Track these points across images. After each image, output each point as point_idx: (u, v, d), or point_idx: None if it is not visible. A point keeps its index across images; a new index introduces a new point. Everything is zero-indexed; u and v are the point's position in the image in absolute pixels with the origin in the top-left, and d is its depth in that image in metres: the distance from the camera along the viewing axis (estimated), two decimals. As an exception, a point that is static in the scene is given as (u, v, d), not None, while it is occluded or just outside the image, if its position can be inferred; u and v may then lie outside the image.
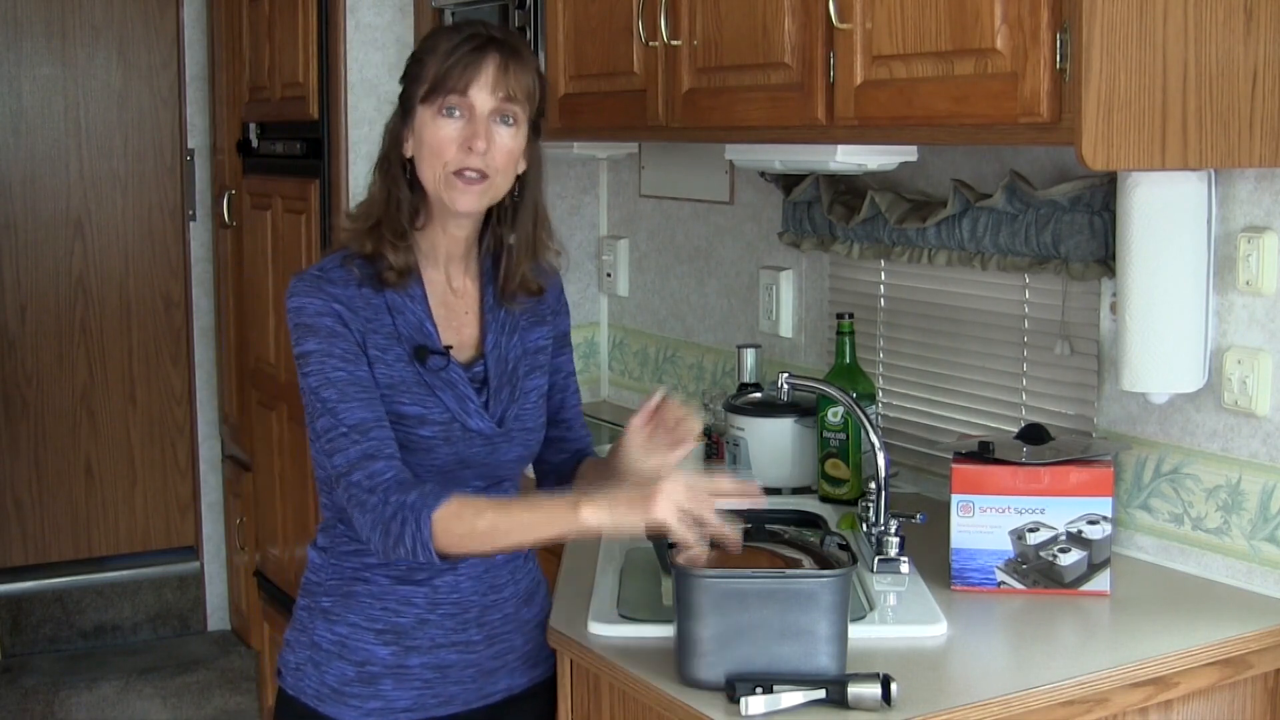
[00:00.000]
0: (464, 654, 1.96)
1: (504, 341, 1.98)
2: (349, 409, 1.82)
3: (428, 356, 1.89)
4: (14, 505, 4.61)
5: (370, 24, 3.52)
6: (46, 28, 4.54)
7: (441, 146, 1.86)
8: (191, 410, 4.76)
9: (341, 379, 1.83)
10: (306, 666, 1.97)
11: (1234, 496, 2.15)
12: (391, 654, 1.93)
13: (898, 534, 2.16)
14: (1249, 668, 1.97)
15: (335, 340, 1.84)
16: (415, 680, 1.94)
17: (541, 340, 2.04)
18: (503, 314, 1.99)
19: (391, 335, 1.89)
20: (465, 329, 1.97)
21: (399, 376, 1.87)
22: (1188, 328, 2.12)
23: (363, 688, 1.93)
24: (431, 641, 1.94)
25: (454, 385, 1.90)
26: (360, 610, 1.93)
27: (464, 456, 1.91)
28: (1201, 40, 1.86)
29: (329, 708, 1.94)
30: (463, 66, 1.84)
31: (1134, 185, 2.10)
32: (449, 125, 1.86)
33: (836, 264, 2.89)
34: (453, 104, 1.86)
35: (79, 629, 4.63)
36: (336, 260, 1.91)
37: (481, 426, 1.91)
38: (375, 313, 1.88)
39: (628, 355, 3.59)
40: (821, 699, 1.69)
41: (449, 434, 1.89)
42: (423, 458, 1.88)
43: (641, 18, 2.59)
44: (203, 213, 4.68)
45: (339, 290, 1.87)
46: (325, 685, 1.95)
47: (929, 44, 2.00)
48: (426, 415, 1.88)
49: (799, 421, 2.68)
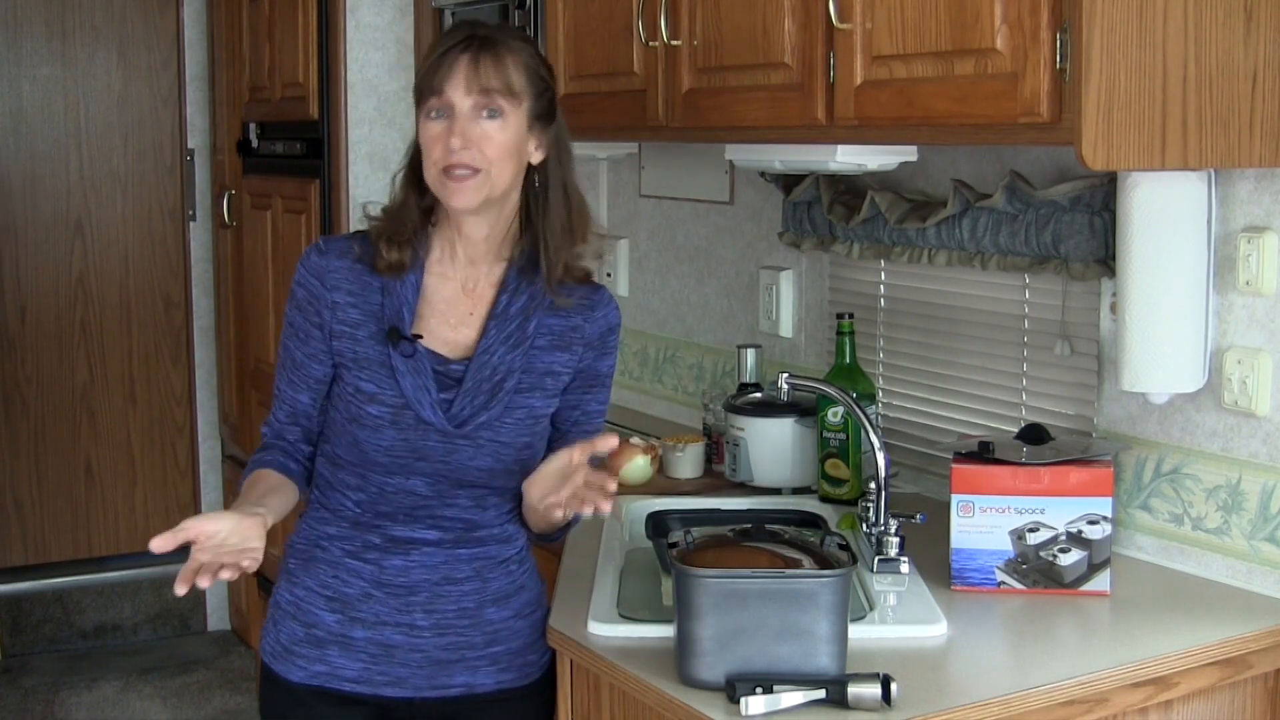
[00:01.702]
0: (409, 637, 1.98)
1: (500, 350, 1.96)
2: (281, 375, 2.04)
3: (398, 340, 1.93)
4: (14, 505, 4.61)
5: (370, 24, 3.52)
6: (46, 28, 4.54)
7: (429, 147, 1.91)
8: (191, 410, 4.76)
9: (286, 352, 2.03)
10: (269, 624, 2.06)
11: (1234, 496, 2.15)
12: (337, 622, 1.98)
13: (898, 534, 2.16)
14: (1249, 668, 1.97)
15: (298, 312, 1.99)
16: (361, 654, 1.98)
17: (558, 366, 1.99)
18: (512, 326, 1.97)
19: (373, 313, 1.95)
20: (463, 329, 1.97)
21: (364, 354, 1.94)
22: (1188, 328, 2.12)
23: (310, 649, 1.99)
24: (375, 617, 1.98)
25: (418, 374, 1.93)
26: (315, 575, 2.01)
27: (416, 447, 1.93)
28: (1201, 40, 1.86)
29: (279, 665, 2.01)
30: (437, 68, 1.90)
31: (1134, 185, 2.10)
32: (434, 126, 1.91)
33: (836, 264, 2.89)
34: (433, 105, 1.90)
35: (79, 629, 4.63)
36: (346, 235, 2.04)
37: (433, 419, 1.92)
38: (363, 289, 1.96)
39: (628, 355, 3.59)
40: (821, 699, 1.69)
41: (398, 418, 1.92)
42: (369, 435, 1.93)
43: (641, 18, 2.59)
44: (203, 213, 4.68)
45: (325, 262, 1.97)
46: (279, 643, 2.02)
47: (929, 44, 2.00)
48: (378, 394, 1.93)
49: (799, 421, 2.68)
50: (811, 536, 1.88)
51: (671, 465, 2.84)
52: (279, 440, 2.04)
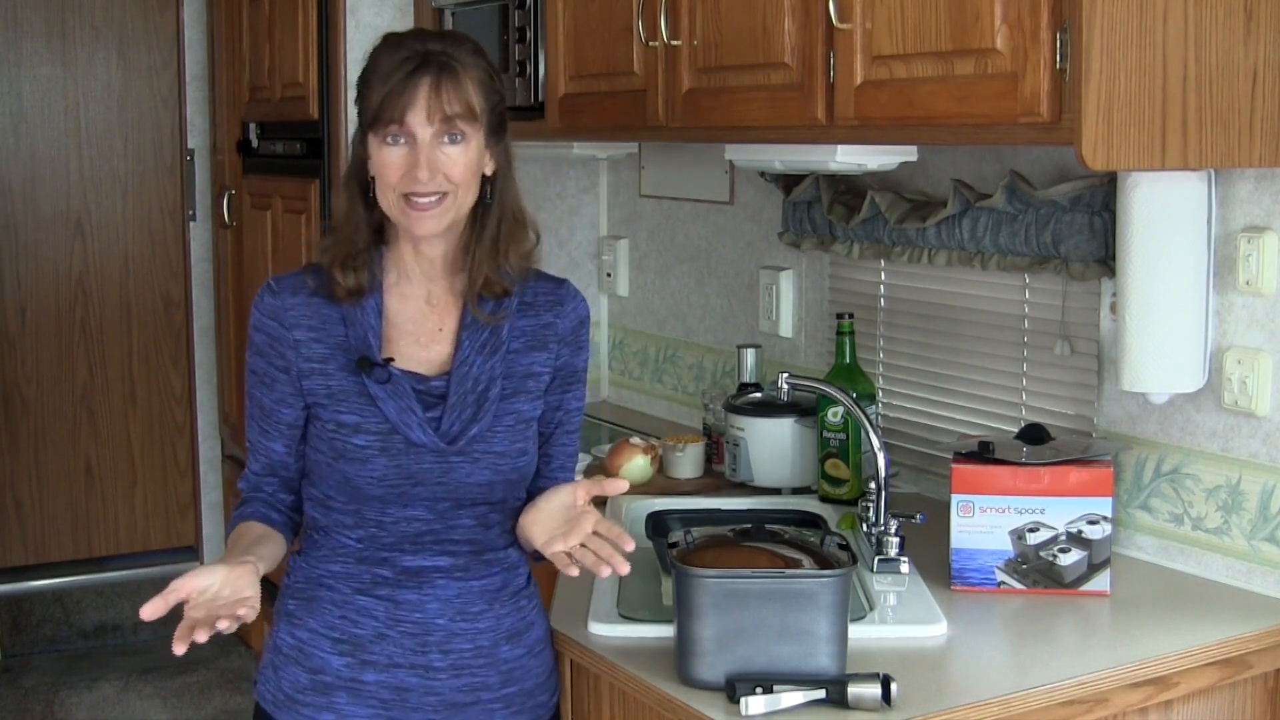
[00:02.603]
0: (425, 679, 1.89)
1: (477, 360, 1.90)
2: (251, 426, 1.96)
3: (371, 368, 1.86)
4: (14, 505, 4.61)
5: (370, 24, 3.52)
6: (46, 28, 4.54)
7: (387, 173, 1.84)
8: (191, 410, 4.76)
9: (254, 400, 1.94)
10: (267, 670, 1.95)
11: (1234, 496, 2.15)
12: (346, 665, 1.88)
13: (898, 534, 2.16)
14: (1249, 668, 1.97)
15: (260, 358, 1.92)
16: (371, 699, 1.88)
17: (537, 366, 1.94)
18: (485, 334, 1.91)
19: (339, 345, 1.88)
20: (435, 345, 1.91)
21: (339, 386, 1.87)
22: (1188, 328, 2.12)
23: (316, 696, 1.89)
24: (389, 659, 1.88)
25: (399, 397, 1.86)
26: (320, 616, 1.91)
27: (410, 472, 1.85)
28: (1201, 40, 1.86)
29: (283, 714, 1.91)
30: (397, 94, 1.81)
31: (1134, 185, 2.10)
32: (393, 152, 1.83)
33: (836, 264, 2.89)
34: (393, 132, 1.83)
35: (79, 629, 4.63)
36: (299, 271, 1.94)
37: (425, 440, 1.85)
38: (323, 322, 1.89)
39: (628, 355, 3.59)
40: (821, 699, 1.69)
41: (387, 445, 1.85)
42: (359, 468, 1.85)
43: (641, 18, 2.59)
44: (203, 213, 4.68)
45: (279, 301, 1.90)
46: (281, 691, 1.91)
47: (929, 44, 2.00)
48: (362, 424, 1.85)
49: (799, 421, 2.68)
50: (811, 536, 1.88)
51: (671, 465, 2.84)
52: (257, 493, 1.98)
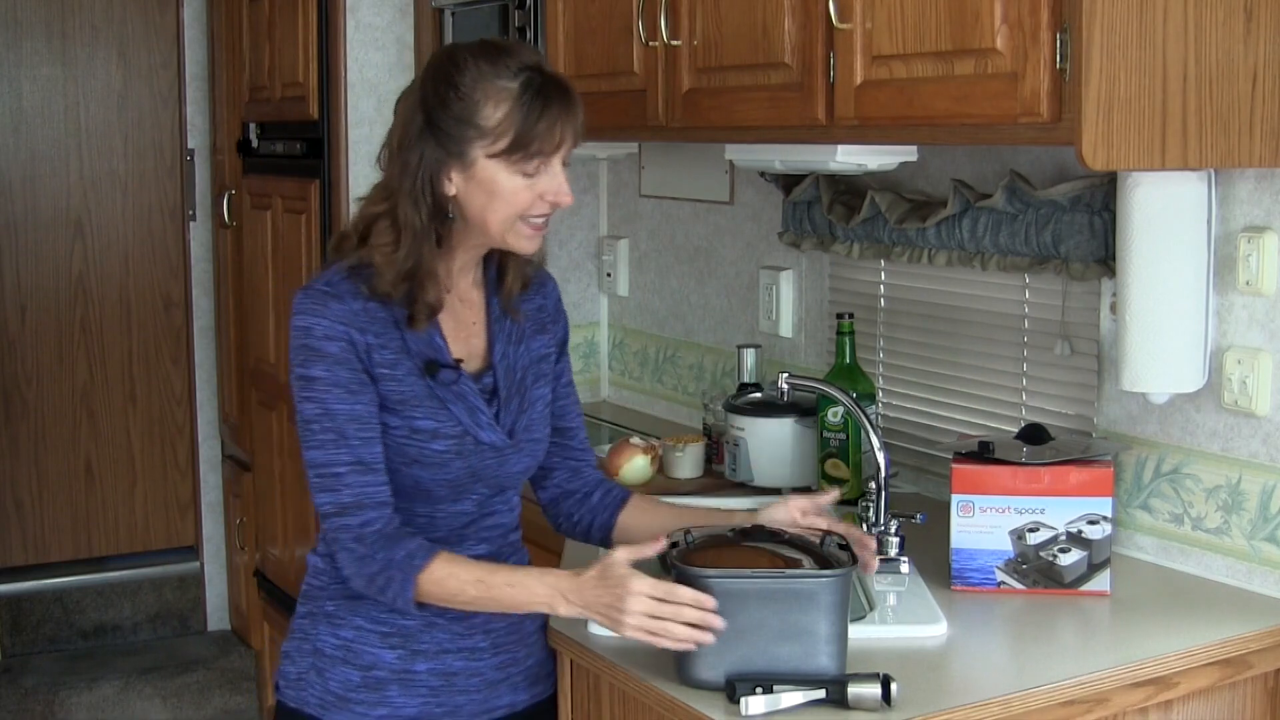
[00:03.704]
0: (470, 661, 1.94)
1: (511, 351, 1.95)
2: (345, 449, 1.80)
3: (438, 370, 1.86)
4: (14, 505, 4.61)
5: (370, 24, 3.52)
6: (46, 28, 4.54)
7: (517, 198, 1.81)
8: (191, 410, 4.76)
9: (342, 414, 1.80)
10: (309, 675, 1.94)
11: (1234, 496, 2.15)
12: (398, 658, 1.91)
13: (898, 534, 2.16)
14: (1249, 668, 1.97)
15: (341, 368, 1.80)
16: (421, 687, 1.92)
17: (544, 348, 2.01)
18: (509, 323, 1.96)
19: (400, 350, 1.84)
20: (473, 339, 1.94)
21: (410, 391, 1.84)
22: (1188, 328, 2.12)
23: (369, 693, 1.91)
24: (438, 646, 1.91)
25: (465, 398, 1.87)
26: (366, 613, 1.90)
27: (475, 469, 1.89)
28: (1201, 40, 1.86)
29: (334, 715, 1.91)
30: (549, 129, 1.79)
31: (1134, 185, 2.10)
32: (527, 180, 1.81)
33: (836, 264, 2.89)
34: (538, 165, 1.80)
35: (79, 629, 4.63)
36: (342, 272, 1.84)
37: (493, 439, 1.89)
38: (384, 327, 1.83)
39: (628, 355, 3.59)
40: (821, 699, 1.69)
41: (461, 448, 1.87)
42: (436, 472, 1.86)
43: (641, 18, 2.59)
44: (203, 213, 4.68)
45: (346, 307, 1.81)
46: (329, 692, 1.92)
47: (929, 44, 2.00)
48: (440, 429, 1.85)
49: (799, 421, 2.68)
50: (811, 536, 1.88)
51: (671, 465, 2.84)
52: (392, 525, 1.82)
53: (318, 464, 1.81)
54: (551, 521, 2.11)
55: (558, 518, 2.10)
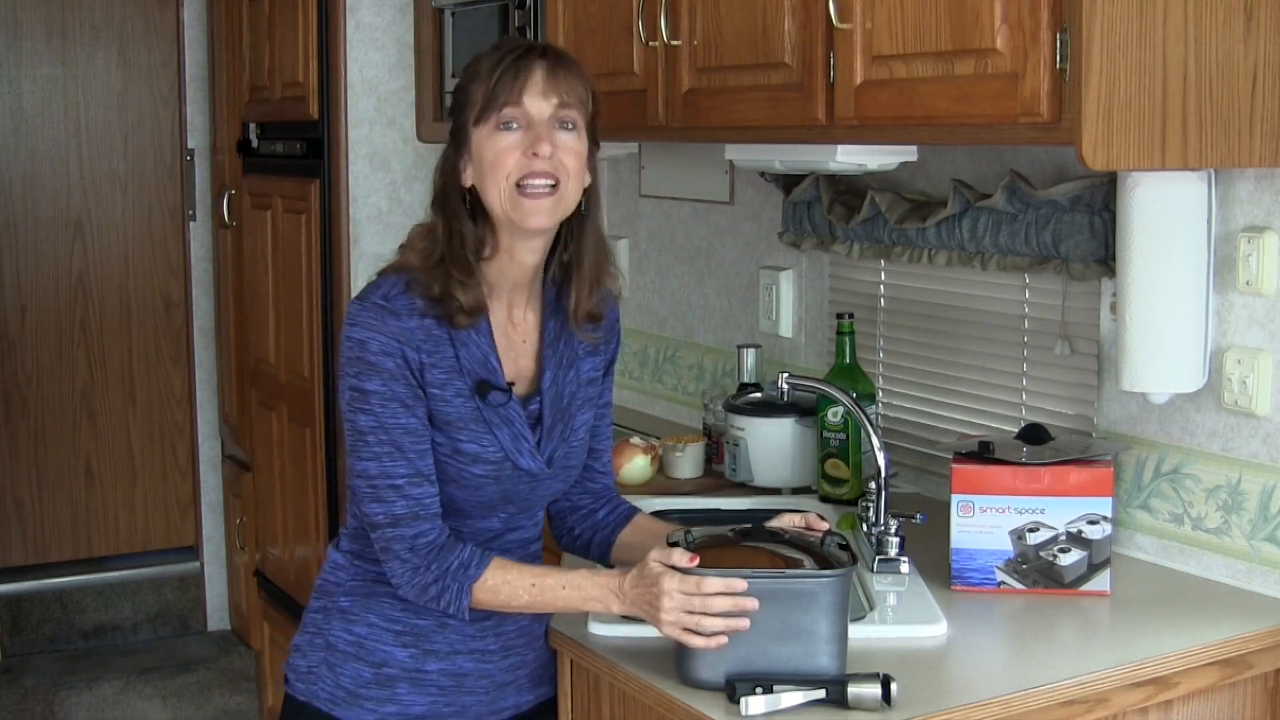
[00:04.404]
0: (480, 663, 1.94)
1: (561, 377, 1.93)
2: (401, 461, 1.81)
3: (489, 392, 1.85)
4: (14, 505, 4.61)
5: (370, 24, 3.52)
6: (46, 28, 4.54)
7: (501, 159, 1.80)
8: (191, 410, 4.76)
9: (397, 428, 1.80)
10: (320, 669, 1.94)
11: (1234, 496, 2.15)
12: (410, 656, 1.91)
13: (898, 534, 2.16)
14: (1249, 668, 1.97)
15: (397, 383, 1.80)
16: (431, 686, 1.92)
17: (594, 371, 1.99)
18: (562, 347, 1.94)
19: (453, 369, 1.83)
20: (522, 360, 1.92)
21: (457, 412, 1.83)
22: (1188, 328, 2.12)
23: (379, 690, 1.91)
24: (450, 647, 1.92)
25: (511, 423, 1.87)
26: (380, 611, 1.91)
27: (509, 493, 1.89)
28: (1201, 40, 1.86)
29: (344, 710, 1.91)
30: (512, 76, 1.79)
31: (1134, 185, 2.10)
32: (507, 137, 1.80)
33: (836, 264, 2.89)
34: (508, 116, 1.80)
35: (79, 629, 4.63)
36: (399, 286, 1.83)
37: (532, 466, 1.89)
38: (437, 345, 1.82)
39: (628, 355, 3.59)
40: (821, 699, 1.69)
41: (500, 473, 1.87)
42: (470, 494, 1.86)
43: (641, 18, 2.59)
44: (203, 213, 4.68)
45: (403, 324, 1.80)
46: (340, 688, 1.92)
47: (929, 44, 2.00)
48: (482, 454, 1.85)
49: (799, 421, 2.68)
50: (811, 536, 1.88)
51: (671, 465, 2.84)
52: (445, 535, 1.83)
53: (371, 475, 1.81)
54: (554, 532, 2.11)
55: (560, 530, 2.10)
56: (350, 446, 1.84)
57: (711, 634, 1.70)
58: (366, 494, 1.82)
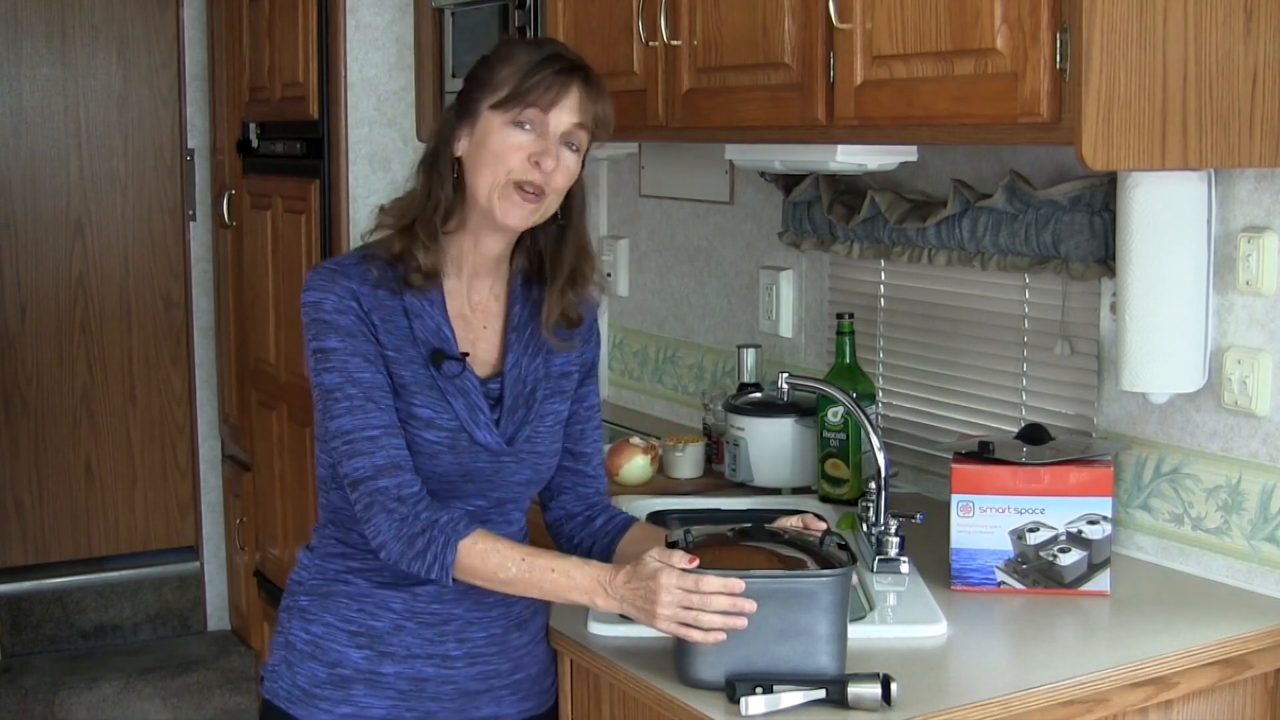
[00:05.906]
0: (441, 669, 1.92)
1: (525, 363, 1.94)
2: (376, 412, 1.81)
3: (444, 361, 1.86)
4: (14, 505, 4.61)
5: (370, 24, 3.52)
6: (46, 28, 4.54)
7: (507, 154, 1.83)
8: (191, 410, 4.76)
9: (366, 381, 1.81)
10: (280, 667, 1.95)
11: (1234, 496, 2.15)
12: (364, 658, 1.90)
13: (898, 534, 2.16)
14: (1249, 668, 1.97)
15: (357, 340, 1.83)
16: (390, 690, 1.90)
17: (568, 366, 1.99)
18: (528, 335, 1.95)
19: (406, 338, 1.86)
20: (482, 344, 1.93)
21: (413, 376, 1.85)
22: (1188, 328, 2.12)
23: (334, 690, 1.90)
24: (407, 650, 1.90)
25: (466, 394, 1.87)
26: (336, 611, 1.91)
27: (468, 469, 1.88)
28: (1201, 40, 1.86)
29: (299, 709, 1.91)
30: (548, 84, 1.82)
31: (1134, 185, 2.10)
32: (520, 136, 1.83)
33: (836, 264, 2.89)
34: (529, 118, 1.83)
35: (79, 629, 4.63)
36: (355, 258, 1.89)
37: (489, 441, 1.88)
38: (390, 314, 1.86)
39: (628, 355, 3.59)
40: (821, 699, 1.69)
41: (455, 442, 1.86)
42: (425, 462, 1.85)
43: (641, 18, 2.59)
44: (203, 213, 4.68)
45: (353, 285, 1.85)
46: (296, 686, 1.92)
47: (929, 44, 2.00)
48: (435, 419, 1.85)
49: (799, 421, 2.68)
50: (811, 536, 1.88)
51: (671, 465, 2.84)
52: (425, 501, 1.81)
53: (346, 430, 1.81)
54: (555, 544, 2.10)
55: (559, 540, 2.09)
56: (321, 410, 1.84)
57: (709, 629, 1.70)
58: (344, 452, 1.81)
